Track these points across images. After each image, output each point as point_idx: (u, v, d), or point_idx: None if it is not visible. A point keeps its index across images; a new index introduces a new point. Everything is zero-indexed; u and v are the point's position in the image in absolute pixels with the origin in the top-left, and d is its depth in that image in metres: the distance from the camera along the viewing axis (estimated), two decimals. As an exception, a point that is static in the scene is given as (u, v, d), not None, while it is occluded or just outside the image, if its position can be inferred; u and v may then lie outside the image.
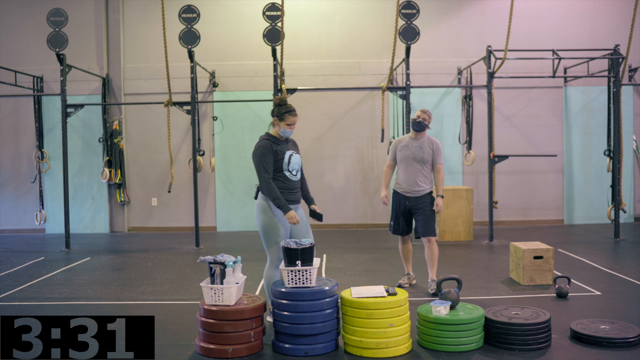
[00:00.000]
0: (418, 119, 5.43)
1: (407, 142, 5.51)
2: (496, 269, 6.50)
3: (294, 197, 4.51)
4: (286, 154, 4.42)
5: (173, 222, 10.02)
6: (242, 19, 9.84)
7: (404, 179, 5.46)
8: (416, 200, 5.42)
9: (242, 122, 9.84)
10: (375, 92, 9.73)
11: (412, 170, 5.42)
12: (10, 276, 6.57)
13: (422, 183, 5.42)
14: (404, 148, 5.49)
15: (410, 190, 5.43)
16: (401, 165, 5.51)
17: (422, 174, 5.42)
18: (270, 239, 4.44)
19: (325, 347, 3.91)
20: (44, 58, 9.49)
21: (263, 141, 4.43)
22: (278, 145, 4.43)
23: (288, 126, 4.43)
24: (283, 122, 4.42)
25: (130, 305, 5.26)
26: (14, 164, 10.01)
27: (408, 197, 5.44)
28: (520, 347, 3.88)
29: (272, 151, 4.38)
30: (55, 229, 9.85)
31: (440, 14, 9.87)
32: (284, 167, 4.41)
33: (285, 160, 4.41)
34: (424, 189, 5.42)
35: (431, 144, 5.46)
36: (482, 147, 9.37)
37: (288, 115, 4.41)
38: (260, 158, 4.37)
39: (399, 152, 5.52)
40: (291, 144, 4.59)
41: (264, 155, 4.36)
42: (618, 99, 8.39)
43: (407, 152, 5.46)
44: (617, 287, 5.62)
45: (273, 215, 4.42)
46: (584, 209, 9.90)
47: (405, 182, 5.45)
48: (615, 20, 9.65)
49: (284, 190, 4.41)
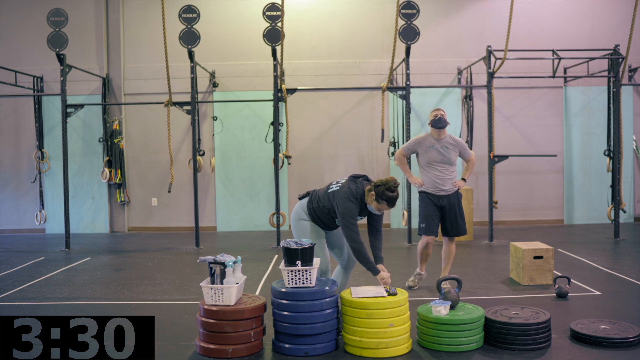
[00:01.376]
0: (437, 117, 5.41)
1: (432, 142, 5.46)
2: (496, 269, 6.50)
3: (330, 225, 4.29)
4: (359, 217, 4.20)
5: (173, 222, 10.02)
6: (242, 19, 9.84)
7: (431, 180, 5.44)
8: (447, 199, 5.44)
9: (242, 122, 9.84)
10: (375, 92, 9.73)
11: (441, 172, 5.43)
12: (10, 276, 6.57)
13: (450, 181, 5.46)
14: (430, 149, 5.44)
15: (441, 189, 5.43)
16: (427, 166, 5.46)
17: (449, 172, 5.46)
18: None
19: (325, 347, 3.91)
20: (44, 58, 9.49)
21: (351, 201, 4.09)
22: (360, 209, 4.15)
23: (379, 210, 4.14)
24: (377, 204, 4.09)
25: (130, 305, 5.26)
26: (14, 164, 10.01)
27: (440, 197, 5.44)
28: (520, 347, 3.88)
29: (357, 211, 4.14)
30: (55, 229, 9.85)
31: (440, 14, 9.87)
32: None
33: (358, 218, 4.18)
34: (454, 187, 5.48)
35: (455, 144, 5.49)
36: (482, 147, 9.36)
37: (386, 204, 4.07)
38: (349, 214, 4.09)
39: (425, 153, 5.46)
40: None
41: (353, 212, 4.10)
42: (618, 99, 8.39)
43: (434, 154, 5.43)
44: (617, 287, 5.61)
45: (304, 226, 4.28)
46: (584, 209, 9.90)
47: (434, 183, 5.43)
48: (615, 20, 9.65)
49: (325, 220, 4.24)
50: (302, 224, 4.31)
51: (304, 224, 4.30)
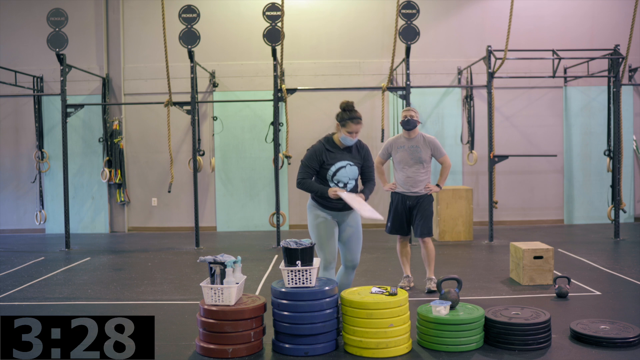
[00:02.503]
0: (406, 119, 5.42)
1: (402, 143, 5.50)
2: (496, 269, 6.50)
3: (335, 205, 4.31)
4: (335, 165, 4.22)
5: (173, 222, 10.02)
6: (242, 19, 9.84)
7: (403, 180, 5.48)
8: (417, 200, 5.46)
9: (242, 122, 9.84)
10: (375, 92, 9.73)
11: (411, 170, 5.44)
12: (10, 276, 6.57)
13: (421, 183, 5.45)
14: (401, 149, 5.48)
15: (410, 191, 5.46)
16: (399, 167, 5.51)
17: (420, 173, 5.45)
18: (314, 239, 4.32)
19: (325, 347, 3.91)
20: (44, 58, 9.50)
21: (316, 144, 4.31)
22: (332, 153, 4.25)
23: (349, 134, 4.20)
24: (344, 128, 4.20)
25: (130, 305, 5.26)
26: (14, 164, 10.01)
27: (409, 197, 5.47)
28: (520, 347, 3.88)
29: (320, 159, 4.23)
30: (55, 229, 9.85)
31: (440, 14, 9.87)
32: (327, 177, 4.25)
33: (331, 172, 4.22)
34: (425, 190, 5.47)
35: (427, 143, 5.46)
36: (482, 147, 9.36)
37: (350, 122, 4.17)
38: (305, 159, 4.27)
39: (396, 153, 5.52)
40: (354, 152, 4.33)
41: (309, 159, 4.25)
42: (618, 99, 8.39)
43: (404, 153, 5.46)
44: (617, 287, 5.62)
45: (316, 216, 4.32)
46: (584, 209, 9.90)
47: (405, 182, 5.47)
48: (615, 20, 9.65)
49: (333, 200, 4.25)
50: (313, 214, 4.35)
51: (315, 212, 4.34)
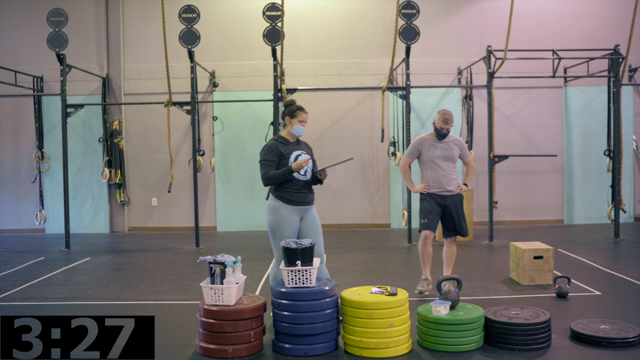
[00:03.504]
0: (443, 131, 5.36)
1: (433, 141, 5.43)
2: (496, 269, 6.50)
3: (304, 199, 4.47)
4: (292, 155, 4.44)
5: (173, 222, 10.02)
6: (242, 19, 9.84)
7: (435, 178, 5.38)
8: (451, 199, 5.40)
9: (242, 122, 9.84)
10: (375, 92, 9.73)
11: (445, 169, 5.38)
12: (10, 276, 6.57)
13: (454, 182, 5.41)
14: (432, 147, 5.41)
15: (446, 189, 5.38)
16: (429, 165, 5.41)
17: (453, 171, 5.42)
18: (276, 238, 4.43)
19: (325, 347, 3.91)
20: (44, 58, 9.50)
21: (270, 141, 4.55)
22: (286, 146, 4.49)
23: (300, 123, 4.51)
24: (295, 119, 4.51)
25: (130, 305, 5.26)
26: (14, 164, 10.02)
27: (444, 196, 5.38)
28: (520, 347, 3.88)
29: (277, 152, 4.44)
30: (55, 229, 9.85)
31: (440, 14, 9.87)
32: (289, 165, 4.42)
33: (291, 160, 4.42)
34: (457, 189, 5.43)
35: (457, 142, 5.47)
36: (482, 147, 9.36)
37: (299, 112, 4.52)
38: (262, 157, 4.47)
39: (427, 152, 5.41)
40: (303, 145, 4.64)
41: (267, 154, 4.46)
42: (618, 99, 8.39)
43: (437, 151, 5.39)
44: (617, 287, 5.61)
45: (280, 216, 4.41)
46: (584, 209, 9.90)
47: (439, 181, 5.37)
48: (615, 20, 9.65)
49: (292, 191, 4.42)
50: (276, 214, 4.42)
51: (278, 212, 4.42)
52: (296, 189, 4.43)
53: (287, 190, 4.41)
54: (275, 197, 4.45)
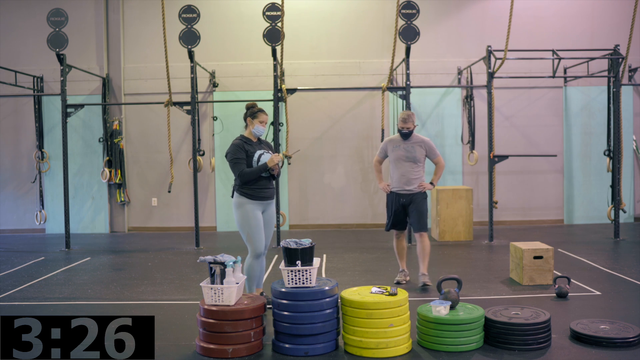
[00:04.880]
0: (403, 130, 5.65)
1: (398, 142, 5.74)
2: (496, 269, 6.50)
3: (266, 194, 4.80)
4: (256, 153, 4.77)
5: (173, 222, 10.02)
6: (242, 19, 9.84)
7: (397, 178, 5.71)
8: (410, 197, 5.68)
9: (242, 122, 9.73)
10: (375, 92, 9.73)
11: (405, 169, 5.68)
12: (10, 276, 6.57)
13: (415, 181, 5.68)
14: (396, 148, 5.72)
15: (404, 189, 5.68)
16: (393, 165, 5.75)
17: (414, 172, 5.69)
18: (245, 232, 4.75)
19: (325, 347, 3.91)
20: (44, 58, 9.49)
21: (235, 141, 4.85)
22: (249, 145, 4.81)
23: (260, 123, 4.86)
24: (256, 119, 4.86)
25: (130, 305, 5.26)
26: (14, 164, 10.01)
27: (402, 195, 5.70)
28: (520, 347, 3.88)
29: (244, 149, 4.76)
30: (55, 229, 9.85)
31: (440, 14, 9.87)
32: (253, 163, 4.76)
33: (255, 159, 4.76)
34: (418, 188, 5.69)
35: (422, 144, 5.71)
36: (482, 147, 9.36)
37: (260, 113, 4.88)
38: (232, 155, 4.76)
39: (392, 152, 5.75)
40: (264, 144, 4.96)
41: (236, 152, 4.76)
42: (618, 99, 8.39)
43: (399, 152, 5.70)
44: (617, 287, 5.62)
45: (246, 210, 4.72)
46: (584, 209, 9.90)
47: (399, 181, 5.70)
48: (615, 20, 9.65)
49: (255, 187, 4.73)
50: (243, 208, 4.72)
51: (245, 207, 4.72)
52: (258, 185, 4.76)
53: (250, 187, 4.73)
54: (239, 194, 4.76)
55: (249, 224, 4.71)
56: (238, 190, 4.77)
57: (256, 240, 4.73)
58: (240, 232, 4.81)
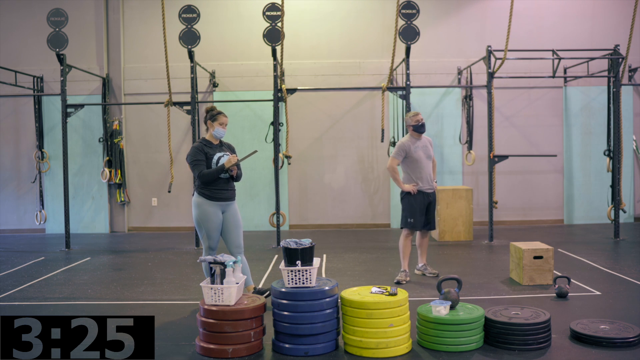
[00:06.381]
0: (420, 122, 5.85)
1: (416, 142, 5.89)
2: (496, 269, 6.50)
3: (224, 195, 4.90)
4: (215, 156, 4.87)
5: (173, 222, 10.02)
6: (242, 19, 9.84)
7: (424, 178, 5.88)
8: (433, 196, 5.95)
9: (242, 122, 9.84)
10: (375, 92, 9.73)
11: (428, 168, 5.91)
12: (10, 276, 6.57)
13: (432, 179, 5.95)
14: (417, 149, 5.87)
15: (431, 187, 5.91)
16: (416, 165, 5.86)
17: (431, 170, 5.95)
18: (202, 231, 4.90)
19: (325, 347, 3.91)
20: (44, 58, 9.50)
21: (195, 143, 4.97)
22: (209, 148, 4.91)
23: (220, 125, 4.97)
24: (216, 122, 4.96)
25: (130, 305, 5.26)
26: (14, 164, 10.02)
27: (429, 194, 5.91)
28: (520, 347, 3.88)
29: (203, 151, 4.86)
30: (55, 229, 9.85)
31: (440, 14, 9.87)
32: (212, 165, 4.86)
33: (214, 161, 4.86)
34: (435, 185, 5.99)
35: (430, 142, 6.02)
36: (482, 147, 9.37)
37: (220, 115, 4.99)
38: (192, 157, 4.85)
39: (414, 153, 5.84)
40: (225, 147, 5.07)
41: (195, 154, 4.85)
42: (618, 99, 8.39)
43: (420, 152, 5.87)
44: (617, 287, 5.61)
45: (203, 210, 4.84)
46: (584, 209, 9.90)
47: (426, 179, 5.87)
48: (615, 20, 9.65)
49: (213, 188, 4.83)
50: (201, 208, 4.84)
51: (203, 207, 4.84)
52: (216, 186, 4.85)
53: (208, 187, 4.84)
54: (198, 193, 4.89)
55: (206, 224, 4.85)
56: (197, 190, 4.90)
57: (212, 238, 4.89)
58: (197, 230, 5.00)
